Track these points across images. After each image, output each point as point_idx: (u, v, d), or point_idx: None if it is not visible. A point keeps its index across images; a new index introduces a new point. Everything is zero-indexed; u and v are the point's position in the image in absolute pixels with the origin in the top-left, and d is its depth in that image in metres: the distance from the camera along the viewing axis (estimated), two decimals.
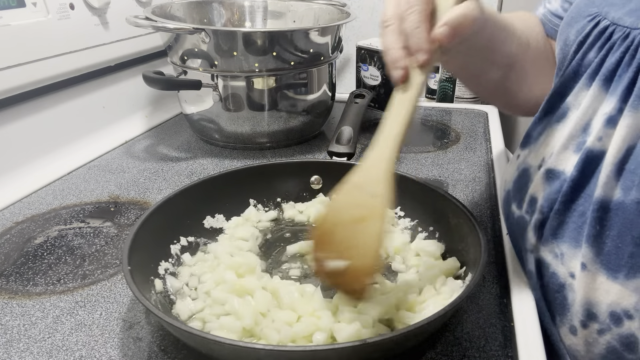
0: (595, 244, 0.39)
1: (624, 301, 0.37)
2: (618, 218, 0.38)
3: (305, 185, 0.62)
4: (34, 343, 0.42)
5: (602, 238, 0.38)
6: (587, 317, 0.40)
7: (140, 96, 0.95)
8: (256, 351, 0.34)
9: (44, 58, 0.71)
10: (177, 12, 0.86)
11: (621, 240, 0.37)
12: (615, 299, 0.38)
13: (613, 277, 0.38)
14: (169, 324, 0.36)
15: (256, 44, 0.72)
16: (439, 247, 0.52)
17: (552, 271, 0.43)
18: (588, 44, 0.43)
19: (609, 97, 0.40)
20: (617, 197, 0.38)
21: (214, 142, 0.83)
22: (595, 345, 0.40)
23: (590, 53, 0.43)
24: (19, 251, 0.55)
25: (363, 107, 0.75)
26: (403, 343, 0.38)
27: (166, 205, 0.51)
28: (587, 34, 0.43)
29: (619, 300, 0.38)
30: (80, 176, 0.73)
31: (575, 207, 0.41)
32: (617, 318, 0.38)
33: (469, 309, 0.45)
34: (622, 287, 0.37)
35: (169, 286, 0.47)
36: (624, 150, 0.38)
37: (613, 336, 0.39)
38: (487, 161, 0.76)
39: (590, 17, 0.44)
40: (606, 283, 0.38)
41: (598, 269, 0.39)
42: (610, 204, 0.38)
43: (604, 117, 0.39)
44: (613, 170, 0.38)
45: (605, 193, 0.38)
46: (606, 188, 0.38)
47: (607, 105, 0.40)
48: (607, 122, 0.39)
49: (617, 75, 0.40)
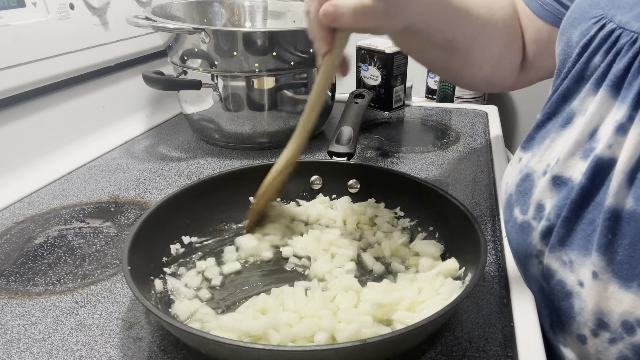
0: (606, 252, 0.38)
1: (638, 310, 0.37)
2: (630, 227, 0.37)
3: (305, 185, 0.62)
4: (34, 343, 0.42)
5: (614, 247, 0.38)
6: (598, 326, 0.40)
7: (140, 96, 0.95)
8: (256, 351, 0.34)
9: (44, 58, 0.71)
10: (177, 12, 0.86)
11: (634, 250, 0.37)
12: (627, 309, 0.37)
13: (626, 287, 0.37)
14: (168, 324, 0.36)
15: (256, 44, 0.72)
16: (438, 248, 0.52)
17: (559, 278, 0.43)
18: (593, 48, 0.42)
19: (618, 105, 0.39)
20: (629, 206, 0.37)
21: (214, 142, 0.83)
22: (606, 354, 0.40)
23: (595, 57, 0.42)
24: (19, 251, 0.55)
25: (363, 107, 0.75)
26: (403, 343, 0.38)
27: (166, 205, 0.51)
28: (592, 36, 0.42)
29: (632, 310, 0.37)
30: (80, 176, 0.73)
31: (585, 215, 0.40)
32: (629, 327, 0.38)
33: (469, 309, 0.45)
34: (636, 297, 0.37)
35: (169, 287, 0.47)
36: (636, 158, 0.37)
37: (626, 345, 0.38)
38: (487, 161, 0.76)
39: (595, 19, 0.43)
40: (618, 292, 0.38)
41: (610, 278, 0.38)
42: (622, 213, 0.38)
43: (614, 124, 0.39)
44: (624, 179, 0.37)
45: (616, 202, 0.38)
46: (618, 197, 0.38)
47: (617, 113, 0.39)
48: (618, 129, 0.38)
49: (626, 82, 0.39)
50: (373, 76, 0.97)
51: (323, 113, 0.86)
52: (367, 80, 0.99)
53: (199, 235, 0.55)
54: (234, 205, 0.59)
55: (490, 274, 0.50)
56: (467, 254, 0.47)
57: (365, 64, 0.97)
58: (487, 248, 0.43)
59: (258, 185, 0.55)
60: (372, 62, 0.96)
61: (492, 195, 0.66)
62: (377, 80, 0.97)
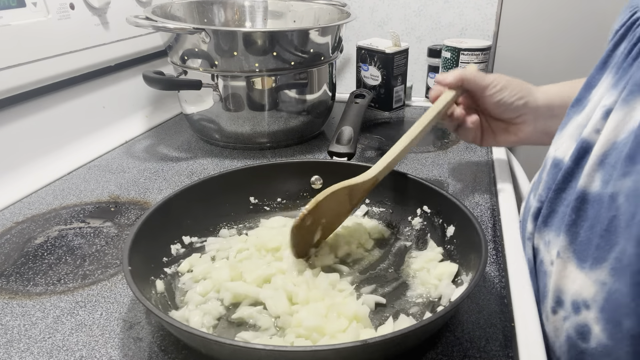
0: (569, 232, 0.39)
1: (585, 291, 0.37)
2: (593, 210, 0.38)
3: (305, 185, 0.62)
4: (35, 343, 0.42)
5: (577, 228, 0.39)
6: (556, 304, 0.41)
7: (141, 96, 0.95)
8: (257, 351, 0.34)
9: (44, 58, 0.71)
10: (177, 12, 0.86)
11: (592, 232, 0.37)
12: (578, 289, 0.38)
13: (580, 267, 0.38)
14: (169, 324, 0.36)
15: (256, 44, 0.72)
16: (438, 248, 0.52)
17: (541, 259, 0.44)
18: (620, 35, 0.42)
19: (612, 90, 0.40)
20: (596, 189, 0.38)
21: (214, 142, 0.83)
22: (561, 331, 0.41)
23: (621, 45, 0.42)
24: (19, 251, 0.55)
25: (363, 107, 0.75)
26: (404, 343, 0.38)
27: (166, 205, 0.51)
28: (622, 24, 0.43)
29: (580, 290, 0.38)
30: (81, 176, 0.73)
31: (564, 197, 0.41)
32: (577, 307, 0.38)
33: (469, 309, 0.45)
34: (586, 277, 0.37)
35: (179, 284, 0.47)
36: (610, 142, 0.37)
37: (572, 324, 0.39)
38: (487, 161, 0.76)
39: (632, 8, 0.43)
40: (574, 272, 0.39)
41: (570, 257, 0.39)
42: (588, 196, 0.38)
43: (603, 109, 0.39)
44: (596, 162, 0.38)
45: (586, 184, 0.38)
46: (588, 179, 0.38)
47: (609, 98, 0.40)
48: (605, 114, 0.39)
49: (622, 68, 0.39)
50: (373, 76, 0.97)
51: (323, 113, 0.86)
52: (368, 80, 0.99)
53: (199, 235, 0.55)
54: (234, 205, 0.59)
55: (490, 274, 0.50)
56: (468, 253, 0.47)
57: (366, 64, 0.97)
58: (488, 248, 0.43)
59: (258, 185, 0.55)
60: (373, 62, 0.96)
61: (492, 195, 0.66)
62: (377, 80, 0.97)
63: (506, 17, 1.06)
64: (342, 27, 0.80)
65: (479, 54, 0.97)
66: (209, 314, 0.44)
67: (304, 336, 0.40)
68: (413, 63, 1.13)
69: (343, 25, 0.80)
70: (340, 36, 0.81)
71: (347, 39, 1.15)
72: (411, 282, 0.49)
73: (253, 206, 0.60)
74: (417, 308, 0.46)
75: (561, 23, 1.03)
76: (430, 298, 0.47)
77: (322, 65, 0.80)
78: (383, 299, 0.46)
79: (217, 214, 0.57)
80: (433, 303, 0.46)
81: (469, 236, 0.47)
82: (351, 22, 0.83)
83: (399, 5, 1.11)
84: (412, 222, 0.57)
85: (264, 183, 0.60)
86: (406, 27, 1.12)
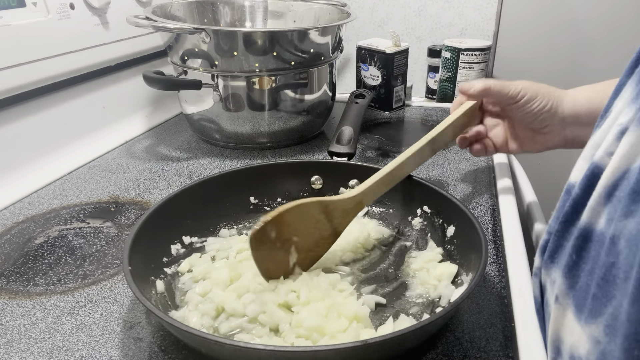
0: (570, 275, 0.34)
1: (580, 347, 0.32)
2: (595, 251, 0.32)
3: (306, 185, 0.62)
4: (35, 343, 0.42)
5: (578, 270, 0.33)
6: (555, 354, 0.36)
7: (141, 96, 0.95)
8: (257, 351, 0.34)
9: (44, 58, 0.71)
10: (178, 12, 0.86)
11: (591, 277, 0.31)
12: (574, 342, 0.33)
13: (578, 317, 0.32)
14: (169, 324, 0.36)
15: (256, 44, 0.72)
16: (438, 249, 0.52)
17: (547, 299, 0.39)
18: None
19: (631, 104, 0.33)
20: (600, 227, 0.32)
21: (214, 142, 0.83)
22: None
23: None
24: (19, 251, 0.55)
25: (363, 107, 0.75)
26: (404, 343, 0.38)
27: (166, 205, 0.51)
28: None
29: (577, 344, 0.32)
30: (81, 176, 0.73)
31: (572, 231, 0.35)
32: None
33: (469, 309, 0.45)
34: (582, 331, 0.32)
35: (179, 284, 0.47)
36: (620, 171, 0.31)
37: None
38: (487, 161, 0.76)
39: None
40: (572, 322, 0.33)
41: (569, 304, 0.34)
42: (592, 234, 0.32)
43: (618, 128, 0.32)
44: (603, 194, 0.32)
45: (590, 219, 0.32)
46: (593, 213, 0.32)
47: (625, 115, 0.33)
48: (620, 133, 0.32)
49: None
50: (373, 76, 0.97)
51: (323, 113, 0.86)
52: (368, 80, 0.99)
53: (199, 235, 0.55)
54: (234, 205, 0.59)
55: (490, 274, 0.50)
56: (468, 254, 0.47)
57: (366, 64, 0.97)
58: (488, 248, 0.43)
59: (258, 185, 0.55)
60: (373, 62, 0.96)
61: (492, 196, 0.66)
62: (377, 80, 0.97)
63: (506, 17, 1.06)
64: (342, 27, 0.80)
65: (479, 54, 0.97)
66: (207, 315, 0.44)
67: (304, 336, 0.40)
68: (413, 63, 1.13)
69: (343, 25, 0.80)
70: (340, 36, 0.81)
71: (347, 39, 1.15)
72: (411, 282, 0.49)
73: (253, 206, 0.60)
74: (417, 308, 0.46)
75: (561, 23, 1.03)
76: (430, 298, 0.47)
77: (322, 65, 0.80)
78: (383, 299, 0.46)
79: (217, 214, 0.57)
80: (433, 303, 0.46)
81: (469, 236, 0.47)
82: (351, 22, 0.83)
83: (399, 5, 1.11)
84: (412, 222, 0.57)
85: (264, 183, 0.60)
86: (406, 27, 1.12)
